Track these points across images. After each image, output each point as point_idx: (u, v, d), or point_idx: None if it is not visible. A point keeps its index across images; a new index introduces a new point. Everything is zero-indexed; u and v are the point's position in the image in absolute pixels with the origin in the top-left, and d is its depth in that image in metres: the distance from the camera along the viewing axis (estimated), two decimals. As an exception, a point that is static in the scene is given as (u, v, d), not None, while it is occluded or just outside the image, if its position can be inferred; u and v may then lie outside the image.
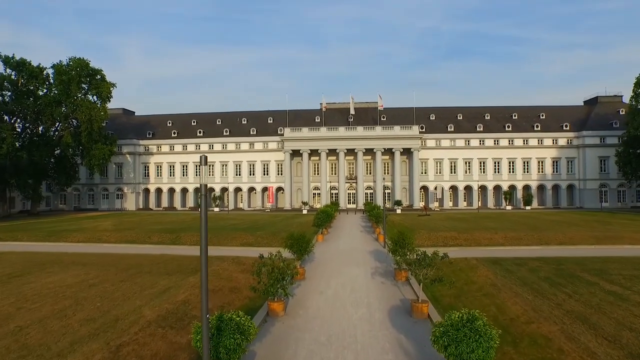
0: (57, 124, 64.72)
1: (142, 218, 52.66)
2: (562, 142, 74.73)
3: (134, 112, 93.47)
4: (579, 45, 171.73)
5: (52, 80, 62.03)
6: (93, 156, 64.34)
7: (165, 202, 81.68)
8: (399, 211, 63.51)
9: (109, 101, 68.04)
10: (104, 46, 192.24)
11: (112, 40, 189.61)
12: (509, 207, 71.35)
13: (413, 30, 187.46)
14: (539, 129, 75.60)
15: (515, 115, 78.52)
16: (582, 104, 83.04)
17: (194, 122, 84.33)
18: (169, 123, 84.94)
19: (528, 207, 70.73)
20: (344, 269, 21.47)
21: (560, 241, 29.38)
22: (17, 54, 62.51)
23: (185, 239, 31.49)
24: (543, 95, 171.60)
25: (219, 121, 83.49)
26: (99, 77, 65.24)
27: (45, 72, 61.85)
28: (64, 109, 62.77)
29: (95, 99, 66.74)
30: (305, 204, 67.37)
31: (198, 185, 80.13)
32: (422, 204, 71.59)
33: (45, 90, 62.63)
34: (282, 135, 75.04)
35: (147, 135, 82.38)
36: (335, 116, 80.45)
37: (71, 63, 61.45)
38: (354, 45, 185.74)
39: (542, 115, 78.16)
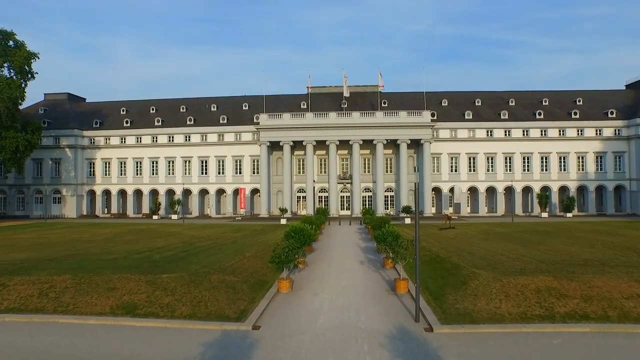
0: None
1: (35, 234, 35.94)
2: (607, 132, 59.86)
3: (85, 99, 77.24)
4: (569, 49, 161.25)
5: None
6: (2, 148, 48.37)
7: (114, 208, 65.67)
8: (408, 220, 48.13)
9: (31, 77, 52.43)
10: (94, 47, 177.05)
11: (101, 41, 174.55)
12: (544, 214, 56.20)
13: (405, 34, 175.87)
14: (577, 116, 60.70)
15: (545, 101, 63.58)
16: (624, 87, 68.43)
17: (152, 109, 68.35)
18: (123, 111, 68.86)
19: (569, 215, 55.65)
20: None
21: None
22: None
23: (8, 294, 15.59)
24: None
25: (182, 108, 67.63)
26: (11, 42, 49.42)
27: None
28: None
29: (14, 74, 50.99)
30: (284, 210, 51.72)
31: (154, 187, 64.23)
32: (448, 212, 53.71)
33: None
34: (258, 123, 59.28)
35: (94, 125, 66.29)
36: (325, 101, 64.89)
37: (-35, 21, 45.38)
38: (346, 48, 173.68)
39: (579, 101, 63.31)
